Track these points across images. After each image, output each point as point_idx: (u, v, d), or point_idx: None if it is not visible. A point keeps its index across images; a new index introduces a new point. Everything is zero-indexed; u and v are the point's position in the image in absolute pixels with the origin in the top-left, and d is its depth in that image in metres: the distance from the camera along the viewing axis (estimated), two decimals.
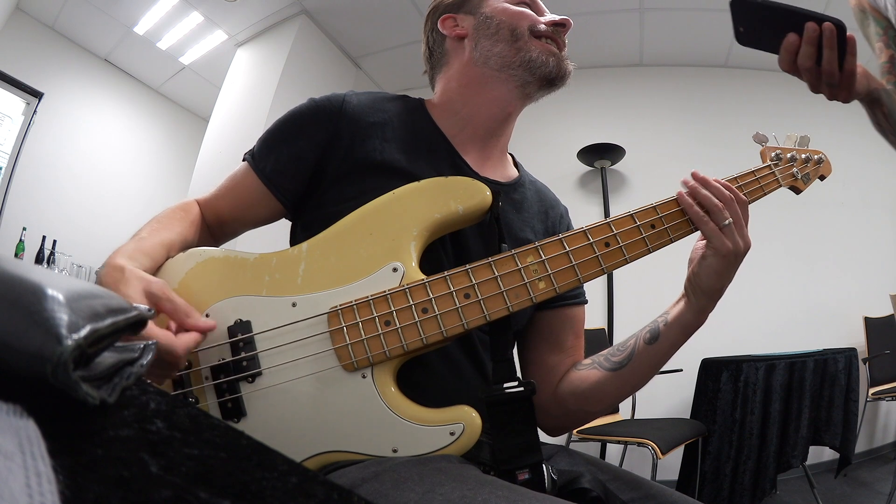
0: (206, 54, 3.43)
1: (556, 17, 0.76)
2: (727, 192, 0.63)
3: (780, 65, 0.72)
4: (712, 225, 0.62)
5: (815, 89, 0.73)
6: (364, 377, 0.56)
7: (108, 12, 3.08)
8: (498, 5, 0.76)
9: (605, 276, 2.98)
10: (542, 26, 0.74)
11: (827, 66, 0.69)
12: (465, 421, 0.55)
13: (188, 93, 3.87)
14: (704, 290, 0.63)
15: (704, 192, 0.63)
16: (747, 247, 0.63)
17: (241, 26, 3.17)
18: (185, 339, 0.53)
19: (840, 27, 0.67)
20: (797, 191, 0.77)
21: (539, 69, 0.73)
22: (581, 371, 0.72)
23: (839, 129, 3.14)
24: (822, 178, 0.79)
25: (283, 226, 0.78)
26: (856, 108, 0.87)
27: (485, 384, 0.59)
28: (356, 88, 3.61)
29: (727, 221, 0.62)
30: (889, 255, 3.08)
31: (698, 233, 0.66)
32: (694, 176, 0.65)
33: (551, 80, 0.74)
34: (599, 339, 2.59)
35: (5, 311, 0.19)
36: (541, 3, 0.79)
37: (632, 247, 0.62)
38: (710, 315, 0.66)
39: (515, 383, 0.58)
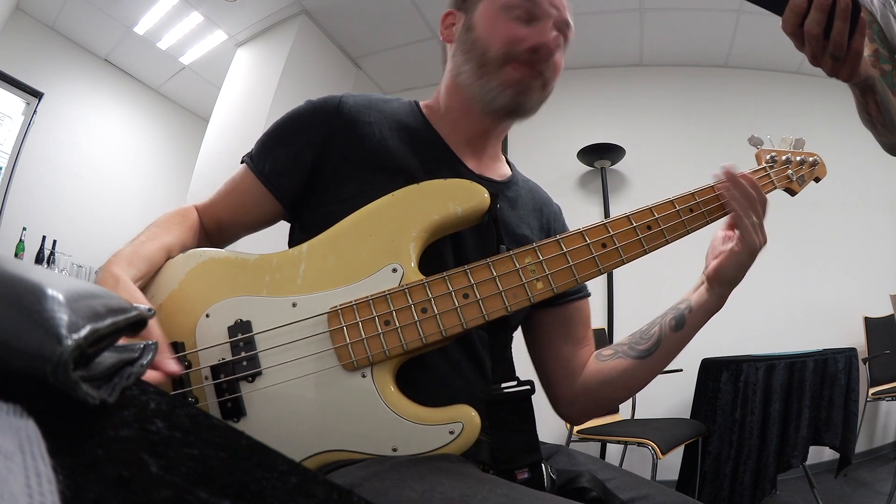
0: (206, 54, 3.43)
1: (537, 41, 0.68)
2: (757, 191, 0.68)
3: (784, 26, 0.67)
4: (746, 221, 0.66)
5: (816, 61, 0.69)
6: (364, 376, 0.56)
7: (108, 12, 3.08)
8: (487, 13, 0.71)
9: (606, 277, 2.99)
10: (517, 51, 0.68)
11: (837, 38, 0.65)
12: (464, 420, 0.55)
13: (188, 93, 3.87)
14: (729, 280, 0.67)
15: (744, 187, 0.67)
16: (766, 242, 0.68)
17: (241, 26, 3.17)
18: (150, 376, 0.51)
19: (855, 2, 0.63)
20: (792, 193, 0.78)
21: (492, 102, 0.69)
22: (608, 361, 0.74)
23: (839, 130, 3.14)
24: (817, 180, 0.80)
25: (284, 227, 0.78)
26: (856, 111, 0.87)
27: (484, 384, 0.59)
28: (356, 88, 3.62)
29: (755, 219, 0.66)
30: (889, 255, 3.08)
31: (696, 232, 0.68)
32: (728, 173, 0.68)
33: (507, 112, 0.71)
34: (599, 339, 2.59)
35: (5, 311, 0.19)
36: (546, 4, 0.71)
37: (628, 248, 0.63)
38: None
39: (514, 383, 0.58)
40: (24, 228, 2.85)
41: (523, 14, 0.69)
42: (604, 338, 2.70)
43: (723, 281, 0.67)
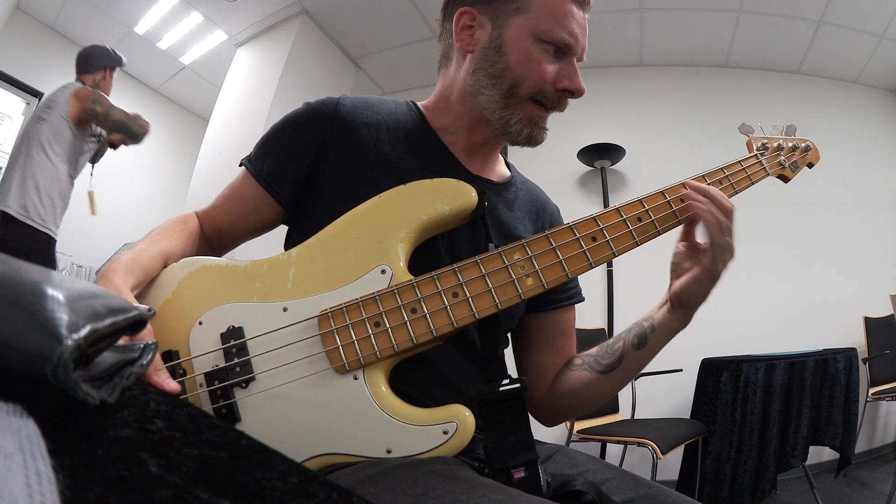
0: (206, 54, 3.44)
1: (571, 85, 0.69)
2: (728, 204, 0.64)
3: None
4: (718, 240, 0.62)
5: None
6: (356, 378, 0.56)
7: (108, 12, 3.08)
8: (522, 40, 0.68)
9: (606, 277, 2.99)
10: (549, 90, 0.69)
11: None
12: (458, 419, 0.54)
13: (188, 93, 3.88)
14: (693, 303, 0.66)
15: (719, 200, 0.63)
16: (733, 259, 0.63)
17: (241, 26, 3.17)
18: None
19: None
20: (785, 179, 0.77)
21: (508, 133, 0.71)
22: (574, 372, 0.75)
23: (839, 130, 3.14)
24: (810, 165, 0.79)
25: (282, 232, 0.78)
26: (856, 111, 0.86)
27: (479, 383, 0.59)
28: (356, 88, 3.59)
29: (728, 239, 0.62)
30: (889, 255, 3.08)
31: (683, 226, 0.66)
32: (692, 186, 0.65)
33: (517, 143, 0.72)
34: (599, 340, 2.58)
35: (5, 311, 0.19)
36: (580, 38, 0.70)
37: (619, 240, 0.62)
38: (710, 315, 0.70)
39: (507, 381, 0.58)
40: None
41: (557, 47, 0.69)
42: (604, 338, 2.69)
43: (685, 304, 0.66)
